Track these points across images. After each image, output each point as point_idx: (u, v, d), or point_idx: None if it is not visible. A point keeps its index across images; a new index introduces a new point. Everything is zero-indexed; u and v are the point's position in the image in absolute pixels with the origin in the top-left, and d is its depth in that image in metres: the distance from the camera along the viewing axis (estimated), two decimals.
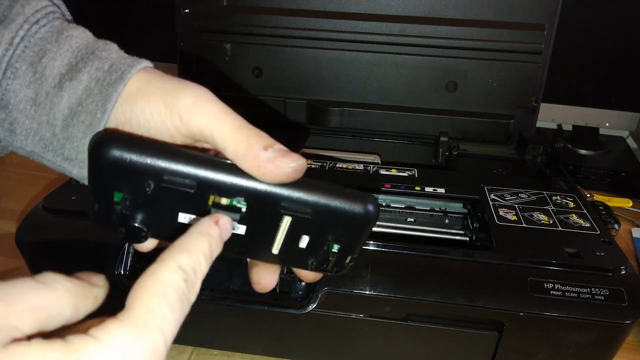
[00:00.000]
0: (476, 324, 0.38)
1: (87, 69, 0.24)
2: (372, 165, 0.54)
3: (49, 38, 0.24)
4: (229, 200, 0.22)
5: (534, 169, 0.58)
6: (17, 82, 0.24)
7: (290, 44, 0.62)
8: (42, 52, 0.24)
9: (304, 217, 0.23)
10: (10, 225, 0.43)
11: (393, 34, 0.60)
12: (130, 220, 0.23)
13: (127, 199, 0.22)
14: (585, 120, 0.81)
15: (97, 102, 0.24)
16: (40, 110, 0.24)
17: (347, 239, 0.24)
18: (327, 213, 0.23)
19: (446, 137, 0.60)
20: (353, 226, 0.24)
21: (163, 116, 0.23)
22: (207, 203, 0.22)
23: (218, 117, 0.23)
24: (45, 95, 0.24)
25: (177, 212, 0.23)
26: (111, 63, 0.24)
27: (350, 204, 0.23)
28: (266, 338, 0.42)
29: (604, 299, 0.36)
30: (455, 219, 0.48)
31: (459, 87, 0.62)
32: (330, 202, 0.23)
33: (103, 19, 0.81)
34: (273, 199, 0.22)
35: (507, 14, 0.59)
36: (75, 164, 0.25)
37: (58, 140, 0.24)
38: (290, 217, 0.23)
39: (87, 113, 0.24)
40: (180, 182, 0.22)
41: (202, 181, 0.22)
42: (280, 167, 0.21)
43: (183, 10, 0.62)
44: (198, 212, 0.23)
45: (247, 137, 0.22)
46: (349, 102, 0.63)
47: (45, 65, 0.24)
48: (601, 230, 0.43)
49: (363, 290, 0.37)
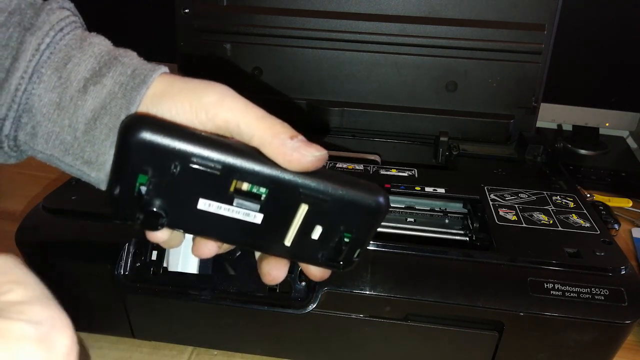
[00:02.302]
0: (476, 324, 0.38)
1: (111, 74, 0.25)
2: (372, 165, 0.54)
3: (73, 45, 0.25)
4: (251, 186, 0.23)
5: (534, 169, 0.58)
6: (42, 86, 0.24)
7: (290, 44, 0.62)
8: (67, 58, 0.25)
9: (320, 204, 0.24)
10: (10, 225, 0.43)
11: (393, 34, 0.60)
12: (150, 206, 0.23)
13: (151, 182, 0.23)
14: (585, 120, 0.81)
15: (121, 105, 0.24)
16: (64, 114, 0.25)
17: (358, 230, 0.25)
18: (343, 202, 0.24)
19: (446, 137, 0.60)
20: (365, 217, 0.25)
21: (189, 113, 0.24)
22: (229, 188, 0.23)
23: (243, 109, 0.24)
24: (69, 99, 0.25)
25: (197, 199, 0.23)
26: (134, 68, 0.25)
27: (365, 194, 0.24)
28: (266, 338, 0.42)
29: (604, 299, 0.36)
30: (455, 219, 0.48)
31: (459, 87, 0.62)
32: (346, 191, 0.24)
33: (103, 19, 0.81)
34: (293, 186, 0.23)
35: (507, 14, 0.59)
36: (94, 167, 0.25)
37: (79, 144, 0.25)
38: (307, 205, 0.24)
39: (110, 116, 0.24)
40: (207, 164, 0.22)
41: (228, 165, 0.23)
42: (305, 155, 0.23)
43: (183, 10, 0.62)
44: (220, 197, 0.23)
45: (273, 126, 0.24)
46: (349, 102, 0.63)
47: (70, 70, 0.25)
48: (601, 230, 0.43)
49: (363, 290, 0.37)
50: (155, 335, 0.44)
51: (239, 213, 0.24)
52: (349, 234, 0.25)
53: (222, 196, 0.23)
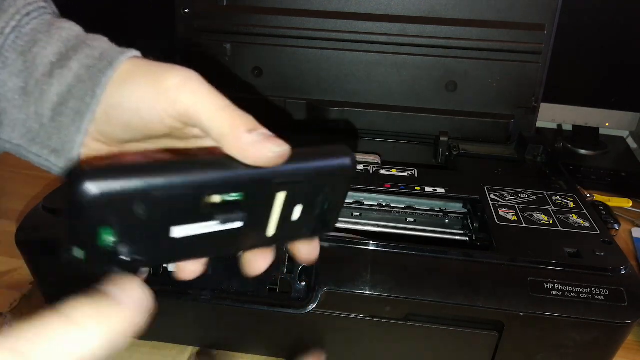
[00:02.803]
0: (476, 324, 0.38)
1: (78, 57, 0.24)
2: (372, 165, 0.54)
3: (40, 29, 0.24)
4: (224, 196, 0.22)
5: (534, 169, 0.58)
6: (6, 71, 0.24)
7: (290, 44, 0.62)
8: (32, 42, 0.24)
9: (296, 187, 0.23)
10: (10, 225, 0.43)
11: (393, 34, 0.60)
12: (122, 256, 0.21)
13: (116, 232, 0.21)
14: (585, 120, 0.81)
15: (87, 88, 0.24)
16: (30, 100, 0.24)
17: (333, 194, 0.25)
18: (316, 175, 0.24)
19: (446, 137, 0.60)
20: (338, 181, 0.25)
21: (151, 98, 0.23)
22: (201, 206, 0.22)
23: (204, 97, 0.23)
24: (34, 83, 0.24)
25: (169, 229, 0.22)
26: (102, 51, 0.24)
27: (332, 160, 0.24)
28: (266, 338, 0.42)
29: (604, 299, 0.36)
30: (455, 219, 0.48)
31: (459, 87, 0.62)
32: (317, 163, 0.23)
33: (103, 19, 0.81)
34: (266, 180, 0.22)
35: (507, 14, 0.59)
36: (60, 156, 0.25)
37: (46, 131, 0.24)
38: (284, 192, 0.23)
39: (76, 99, 0.24)
40: (170, 192, 0.20)
41: (192, 184, 0.21)
42: (262, 151, 0.21)
43: (183, 10, 0.62)
44: (194, 219, 0.22)
45: (231, 118, 0.22)
46: (349, 102, 0.63)
47: (35, 54, 0.24)
48: (601, 230, 0.43)
49: (363, 290, 0.37)
50: (155, 335, 0.44)
51: (218, 225, 0.23)
52: (325, 201, 0.25)
53: (196, 216, 0.22)
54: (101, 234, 0.20)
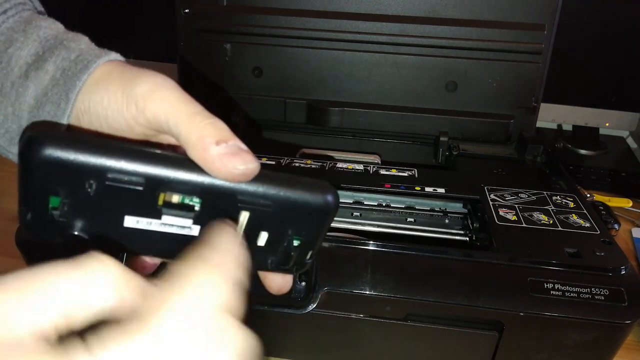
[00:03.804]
0: (476, 324, 0.38)
1: (54, 59, 0.23)
2: (372, 165, 0.54)
3: (16, 28, 0.24)
4: (182, 198, 0.21)
5: (534, 169, 0.58)
6: None
7: (290, 44, 0.62)
8: (8, 42, 0.23)
9: (263, 210, 0.21)
10: (10, 225, 0.43)
11: (393, 34, 0.60)
12: (69, 229, 0.21)
13: (65, 204, 0.20)
14: (585, 120, 0.81)
15: (61, 93, 0.23)
16: (6, 101, 0.23)
17: (307, 232, 0.23)
18: (287, 205, 0.22)
19: (446, 137, 0.60)
20: (313, 218, 0.22)
21: (120, 105, 0.22)
22: (157, 203, 0.21)
23: (174, 104, 0.22)
24: (10, 85, 0.23)
25: (122, 216, 0.21)
26: (78, 53, 0.24)
27: (310, 194, 0.22)
28: (266, 338, 0.42)
29: (604, 299, 0.36)
30: (455, 219, 0.48)
31: (459, 87, 0.62)
32: (289, 193, 0.21)
33: (103, 19, 0.81)
34: (229, 194, 0.21)
35: (507, 14, 0.59)
36: None
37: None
38: (249, 212, 0.21)
39: (52, 103, 0.23)
40: (126, 179, 0.20)
41: (150, 177, 0.20)
42: (227, 166, 0.20)
43: (183, 10, 0.62)
44: (148, 213, 0.21)
45: (201, 126, 0.21)
46: (349, 102, 0.63)
47: (11, 54, 0.23)
48: (601, 230, 0.43)
49: (363, 290, 0.37)
50: None
51: (172, 227, 0.21)
52: (298, 237, 0.23)
53: (150, 211, 0.21)
54: (50, 201, 0.20)
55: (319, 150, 0.60)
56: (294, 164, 0.52)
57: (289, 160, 0.53)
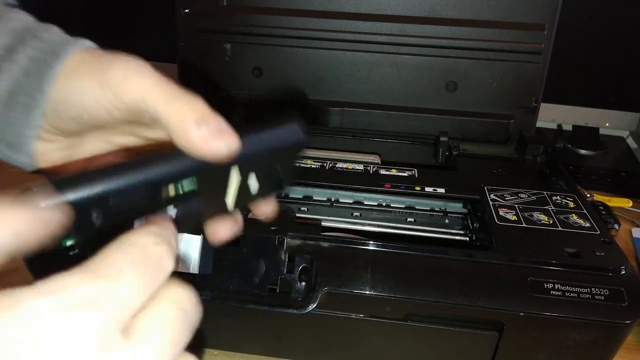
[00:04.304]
0: (476, 324, 0.38)
1: (24, 49, 0.23)
2: (372, 165, 0.54)
3: None
4: (181, 187, 0.22)
5: (534, 169, 0.58)
6: None
7: (290, 44, 0.62)
8: None
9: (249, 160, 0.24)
10: None
11: (393, 34, 0.60)
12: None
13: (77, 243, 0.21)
14: (585, 120, 0.81)
15: (35, 83, 0.23)
16: None
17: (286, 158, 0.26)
18: (267, 149, 0.25)
19: (446, 137, 0.60)
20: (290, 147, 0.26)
21: (96, 92, 0.22)
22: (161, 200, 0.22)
23: (150, 88, 0.21)
24: None
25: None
26: (50, 43, 0.24)
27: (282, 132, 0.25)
28: (266, 338, 0.42)
29: (604, 299, 0.36)
30: (455, 219, 0.48)
31: (459, 87, 0.62)
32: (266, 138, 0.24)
33: (103, 19, 0.81)
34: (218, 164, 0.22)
35: (507, 14, 0.59)
36: (17, 150, 0.24)
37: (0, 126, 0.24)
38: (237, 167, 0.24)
39: (25, 95, 0.23)
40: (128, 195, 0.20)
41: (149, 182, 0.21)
42: (211, 149, 0.21)
43: (183, 10, 0.62)
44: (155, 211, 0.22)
45: (179, 108, 0.21)
46: (349, 102, 0.63)
47: None
48: (601, 230, 0.43)
49: (363, 290, 0.37)
50: None
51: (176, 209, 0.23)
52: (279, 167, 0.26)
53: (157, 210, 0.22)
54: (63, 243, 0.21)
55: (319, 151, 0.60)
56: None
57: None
